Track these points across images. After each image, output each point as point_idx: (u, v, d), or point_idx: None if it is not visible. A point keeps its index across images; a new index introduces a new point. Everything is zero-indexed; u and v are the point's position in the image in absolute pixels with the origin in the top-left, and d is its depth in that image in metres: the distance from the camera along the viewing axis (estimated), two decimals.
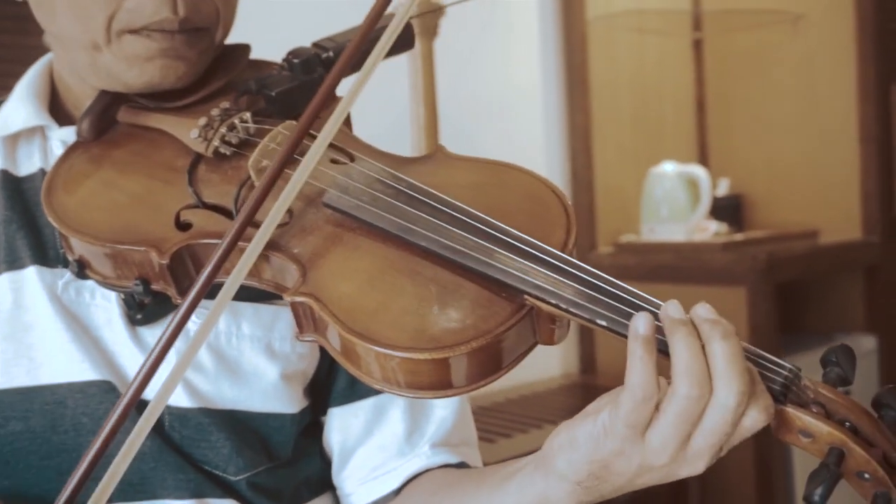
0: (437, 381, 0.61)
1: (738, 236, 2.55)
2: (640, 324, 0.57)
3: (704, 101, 2.90)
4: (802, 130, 2.68)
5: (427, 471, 0.84)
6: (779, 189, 2.74)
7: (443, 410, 0.86)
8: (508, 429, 1.92)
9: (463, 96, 2.27)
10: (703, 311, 0.60)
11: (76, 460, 0.73)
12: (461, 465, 0.85)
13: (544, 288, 0.61)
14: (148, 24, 0.72)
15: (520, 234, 0.64)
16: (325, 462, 0.88)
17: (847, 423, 0.59)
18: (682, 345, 0.57)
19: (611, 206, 2.61)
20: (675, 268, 2.36)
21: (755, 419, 0.57)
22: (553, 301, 0.61)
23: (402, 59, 1.56)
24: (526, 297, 0.61)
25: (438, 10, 1.53)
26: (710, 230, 2.51)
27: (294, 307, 0.65)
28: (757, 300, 2.20)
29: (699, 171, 2.48)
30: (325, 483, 0.88)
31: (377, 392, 0.83)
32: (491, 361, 0.62)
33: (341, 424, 0.85)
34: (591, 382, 2.39)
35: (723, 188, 2.74)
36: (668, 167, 2.51)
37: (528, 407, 2.13)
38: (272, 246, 0.67)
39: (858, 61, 2.54)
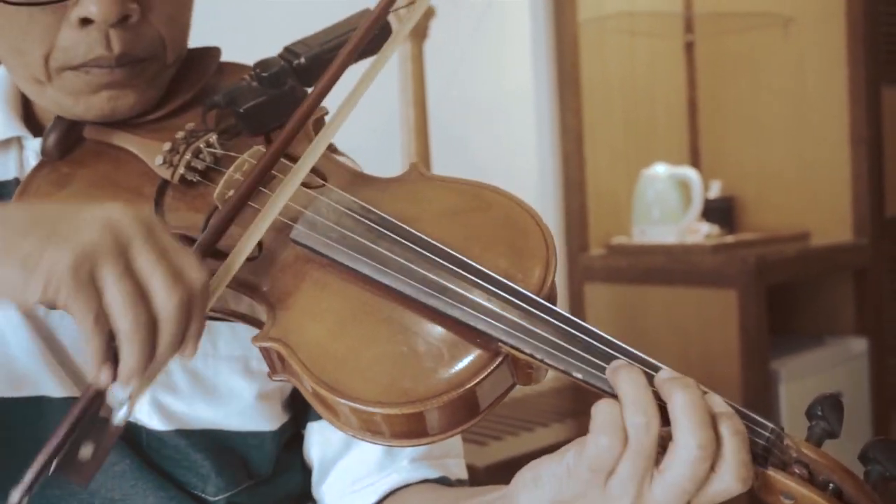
0: (412, 431, 0.59)
1: (729, 238, 2.55)
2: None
3: (696, 103, 2.90)
4: (793, 133, 2.69)
5: (407, 485, 0.82)
6: (770, 191, 2.74)
7: None
8: (499, 432, 1.92)
9: (454, 99, 2.27)
10: (664, 374, 0.58)
11: None
12: (442, 480, 0.83)
13: (520, 338, 0.58)
14: (84, 62, 0.69)
15: (496, 276, 0.61)
16: (307, 473, 0.87)
17: (831, 485, 0.58)
18: (624, 380, 0.56)
19: (602, 208, 2.61)
20: (666, 270, 2.36)
21: (728, 485, 0.55)
22: (528, 351, 0.58)
23: (392, 61, 1.55)
24: (501, 344, 0.59)
25: (428, 11, 1.53)
26: (702, 232, 2.52)
27: (262, 351, 0.63)
28: (747, 302, 2.20)
29: (691, 173, 2.49)
30: (306, 495, 0.87)
31: None
32: (468, 408, 0.59)
33: (321, 438, 0.84)
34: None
35: (714, 190, 2.74)
36: (660, 169, 2.51)
37: (519, 410, 2.13)
38: (242, 283, 0.65)
39: (849, 64, 2.54)
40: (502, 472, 1.70)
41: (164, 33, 0.72)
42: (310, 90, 0.72)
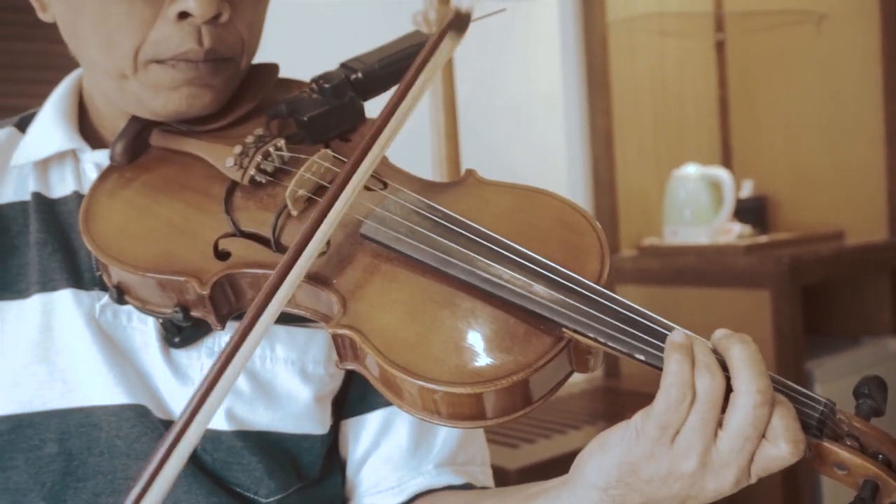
0: (477, 413, 0.62)
1: (762, 238, 2.53)
2: (677, 335, 0.61)
3: (727, 102, 2.88)
4: (827, 131, 2.65)
5: (431, 491, 0.84)
6: (803, 190, 2.71)
7: None
8: (532, 434, 1.92)
9: (484, 102, 2.27)
10: (719, 333, 0.63)
11: (111, 482, 0.75)
12: (466, 486, 0.85)
13: (583, 322, 0.62)
14: (174, 55, 0.72)
15: (557, 266, 0.65)
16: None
17: (880, 456, 0.61)
18: (697, 348, 0.61)
19: (633, 209, 2.60)
20: (699, 271, 2.35)
21: (783, 450, 0.59)
22: (591, 335, 0.62)
23: None
24: (564, 329, 0.62)
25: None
26: (734, 232, 2.50)
27: (335, 338, 0.66)
28: (781, 303, 2.18)
29: (722, 173, 2.47)
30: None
31: (386, 403, 0.84)
32: (529, 392, 0.63)
33: (353, 436, 0.86)
34: (615, 387, 2.38)
35: (746, 190, 2.72)
36: (691, 169, 2.49)
37: (552, 412, 2.12)
38: (313, 277, 0.68)
39: (883, 60, 2.51)
40: (533, 475, 1.70)
41: (245, 36, 0.76)
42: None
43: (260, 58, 0.85)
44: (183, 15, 0.71)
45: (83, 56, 0.78)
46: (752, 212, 2.66)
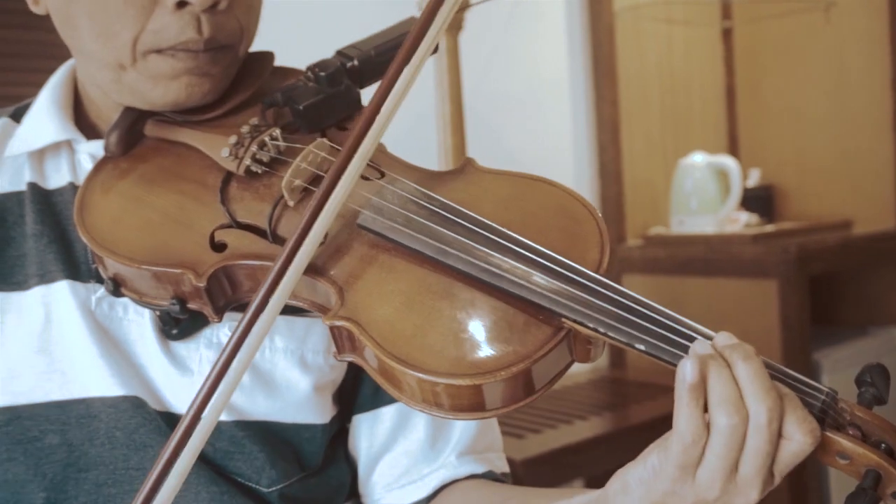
0: (478, 404, 0.61)
1: (770, 228, 2.52)
2: (688, 371, 0.57)
3: (734, 90, 2.86)
4: (834, 119, 2.64)
5: (454, 482, 0.84)
6: (811, 179, 2.70)
7: None
8: (537, 424, 1.92)
9: (489, 91, 2.26)
10: (722, 338, 0.61)
11: (112, 473, 0.75)
12: (487, 475, 0.85)
13: (583, 312, 0.61)
14: (173, 45, 0.72)
15: (556, 255, 0.64)
16: (351, 468, 0.88)
17: (883, 445, 0.60)
18: (714, 377, 0.58)
19: (640, 199, 2.59)
20: (706, 260, 2.34)
21: (801, 443, 0.58)
22: (591, 325, 0.61)
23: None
24: (564, 319, 0.61)
25: (463, 5, 1.53)
26: (741, 221, 2.49)
27: (332, 330, 0.65)
28: (789, 293, 2.17)
29: (729, 162, 2.46)
30: (351, 490, 0.88)
31: None
32: (530, 383, 0.62)
33: (367, 431, 0.85)
34: (620, 377, 2.38)
35: (753, 179, 2.71)
36: (698, 158, 2.48)
37: (557, 402, 2.12)
38: (310, 268, 0.67)
39: (891, 48, 2.49)
40: (540, 466, 1.70)
41: (243, 23, 0.76)
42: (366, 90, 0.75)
43: (258, 46, 0.84)
44: (181, 4, 0.71)
45: (79, 48, 0.77)
46: (759, 201, 2.65)
